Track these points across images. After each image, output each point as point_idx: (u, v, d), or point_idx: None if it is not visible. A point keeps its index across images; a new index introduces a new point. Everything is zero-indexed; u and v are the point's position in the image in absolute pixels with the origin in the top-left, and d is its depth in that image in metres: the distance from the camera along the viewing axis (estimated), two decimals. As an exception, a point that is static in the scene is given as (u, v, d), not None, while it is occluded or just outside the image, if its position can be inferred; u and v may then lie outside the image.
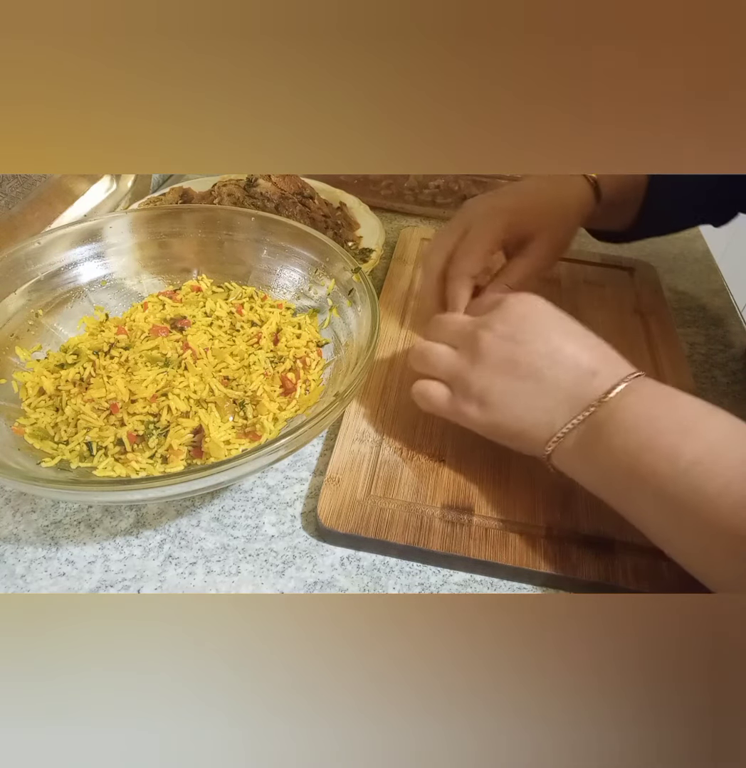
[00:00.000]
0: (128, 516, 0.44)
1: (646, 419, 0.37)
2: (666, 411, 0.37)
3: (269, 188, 0.70)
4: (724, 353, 0.62)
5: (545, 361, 0.41)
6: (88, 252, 0.54)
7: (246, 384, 0.47)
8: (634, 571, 0.41)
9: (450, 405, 0.44)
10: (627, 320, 0.62)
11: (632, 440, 0.37)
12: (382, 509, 0.43)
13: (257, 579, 0.41)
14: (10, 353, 0.48)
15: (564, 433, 0.40)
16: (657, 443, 0.36)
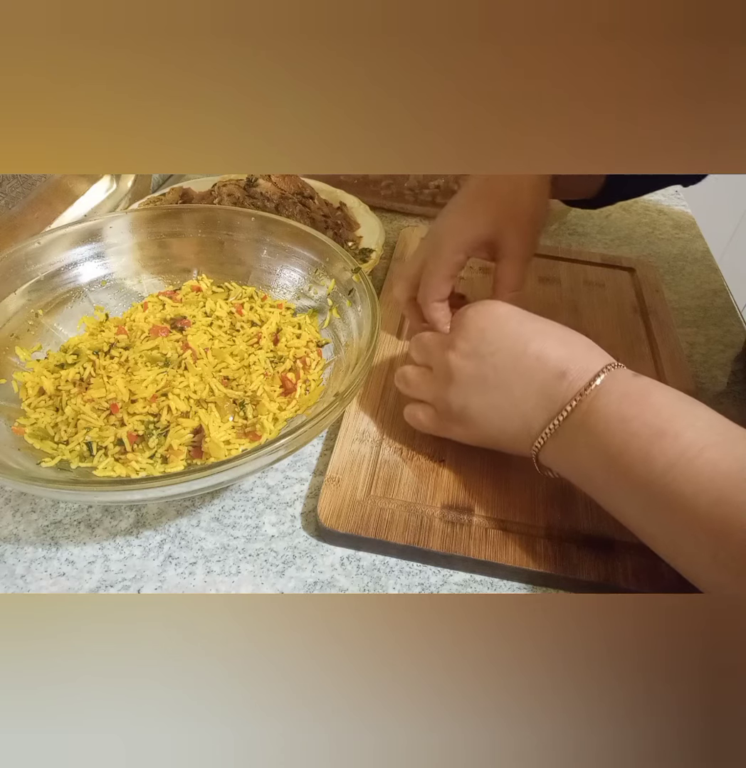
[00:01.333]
0: (128, 516, 0.44)
1: (618, 421, 0.36)
2: (639, 412, 0.36)
3: (269, 188, 0.70)
4: (724, 353, 0.62)
5: (511, 371, 0.41)
6: (88, 252, 0.54)
7: (246, 384, 0.47)
8: (634, 571, 0.41)
9: (438, 425, 0.46)
10: (627, 320, 0.62)
11: (606, 443, 0.37)
12: (382, 509, 0.43)
13: (257, 579, 0.41)
14: (10, 353, 0.48)
15: (545, 437, 0.40)
16: (631, 446, 0.36)
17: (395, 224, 0.78)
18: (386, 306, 0.61)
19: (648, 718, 0.25)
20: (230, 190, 0.69)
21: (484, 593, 0.41)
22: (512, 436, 0.42)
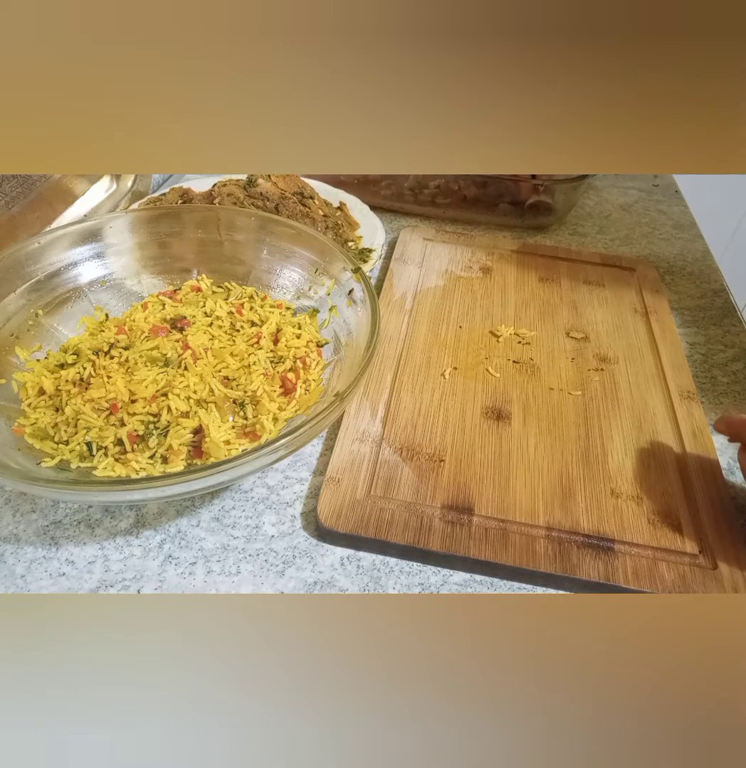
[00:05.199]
0: (128, 516, 0.44)
1: None
2: None
3: (269, 188, 0.69)
4: (724, 353, 0.62)
5: None
6: (88, 252, 0.54)
7: (246, 384, 0.47)
8: (634, 571, 0.41)
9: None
10: (627, 320, 0.62)
11: None
12: (382, 509, 0.43)
13: (257, 579, 0.41)
14: (10, 353, 0.48)
15: None
16: None
17: (395, 224, 0.78)
18: (386, 306, 0.62)
19: (649, 716, 0.25)
20: (230, 190, 0.69)
21: (484, 593, 0.41)
22: None
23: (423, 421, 0.50)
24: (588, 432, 0.50)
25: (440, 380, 0.54)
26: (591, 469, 0.47)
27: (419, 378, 0.54)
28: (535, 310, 0.63)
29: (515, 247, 0.71)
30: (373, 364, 0.51)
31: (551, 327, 0.61)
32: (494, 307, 0.63)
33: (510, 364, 0.56)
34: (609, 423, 0.51)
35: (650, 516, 0.45)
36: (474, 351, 0.57)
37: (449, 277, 0.66)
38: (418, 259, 0.69)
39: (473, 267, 0.68)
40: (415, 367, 0.55)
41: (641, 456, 0.49)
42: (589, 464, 0.48)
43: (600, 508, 0.44)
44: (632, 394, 0.54)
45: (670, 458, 0.49)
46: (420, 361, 0.56)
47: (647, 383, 0.55)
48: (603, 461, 0.48)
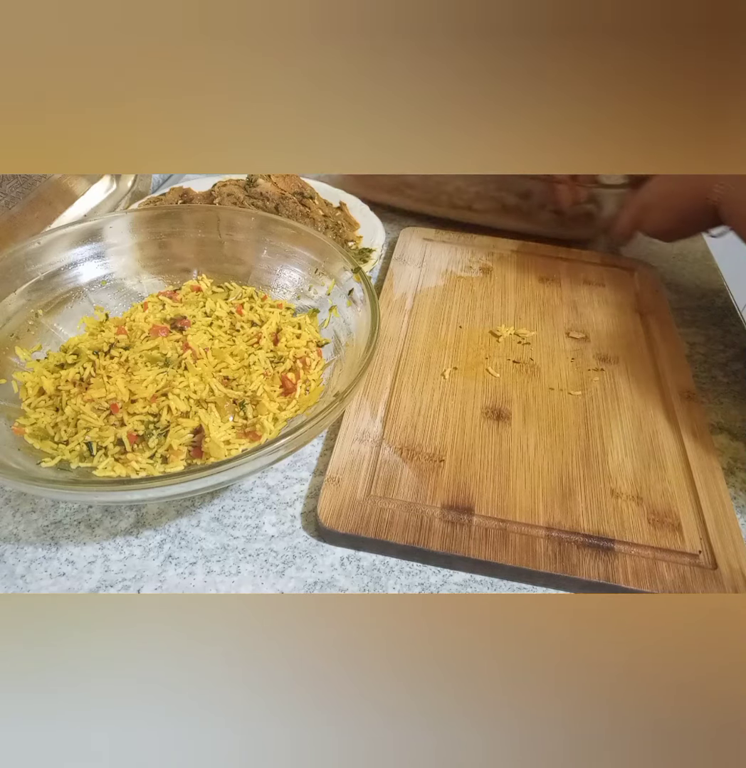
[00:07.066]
0: (128, 516, 0.44)
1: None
2: None
3: (269, 188, 0.69)
4: (724, 353, 0.62)
5: None
6: (88, 252, 0.54)
7: (246, 384, 0.47)
8: (634, 571, 0.41)
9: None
10: (627, 320, 0.62)
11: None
12: (382, 509, 0.43)
13: (257, 579, 0.41)
14: (10, 353, 0.48)
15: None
16: None
17: (395, 224, 0.78)
18: (386, 306, 0.62)
19: (650, 716, 0.25)
20: (230, 190, 0.69)
21: (484, 593, 0.41)
22: None
23: (423, 421, 0.50)
24: (588, 432, 0.50)
25: (440, 380, 0.54)
26: (591, 469, 0.47)
27: (419, 378, 0.54)
28: (535, 310, 0.63)
29: (515, 247, 0.71)
30: (373, 364, 0.51)
31: (551, 327, 0.61)
32: (494, 307, 0.63)
33: (510, 364, 0.56)
34: (609, 423, 0.51)
35: (650, 516, 0.45)
36: (474, 351, 0.57)
37: (449, 277, 0.66)
38: (418, 259, 0.69)
39: (473, 267, 0.68)
40: (415, 367, 0.55)
41: (641, 456, 0.49)
42: (589, 464, 0.48)
43: (600, 508, 0.44)
44: (632, 394, 0.54)
45: (670, 458, 0.49)
46: (420, 361, 0.56)
47: (647, 383, 0.55)
48: (603, 461, 0.48)
